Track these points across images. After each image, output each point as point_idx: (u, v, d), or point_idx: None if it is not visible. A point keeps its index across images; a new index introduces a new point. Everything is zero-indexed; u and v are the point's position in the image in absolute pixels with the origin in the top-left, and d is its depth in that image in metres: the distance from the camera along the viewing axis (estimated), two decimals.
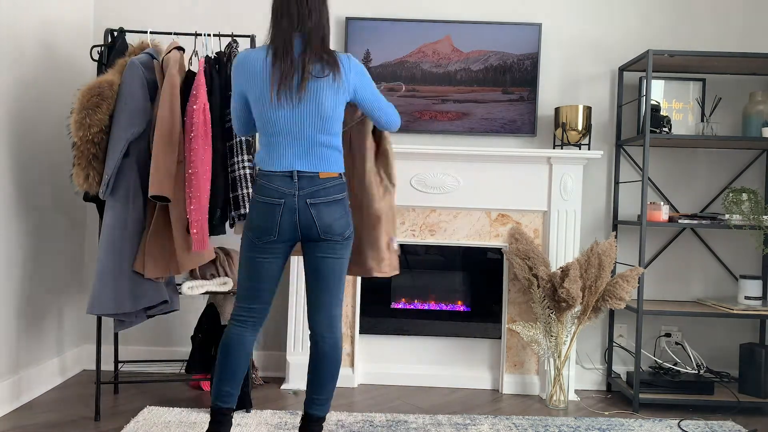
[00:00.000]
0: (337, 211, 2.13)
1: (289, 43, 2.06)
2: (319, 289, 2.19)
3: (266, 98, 2.07)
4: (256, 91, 2.08)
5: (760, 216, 2.99)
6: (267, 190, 2.09)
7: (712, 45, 3.36)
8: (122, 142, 2.48)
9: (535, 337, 3.02)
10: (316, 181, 2.10)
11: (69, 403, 2.83)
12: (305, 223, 2.10)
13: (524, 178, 3.19)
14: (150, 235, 2.57)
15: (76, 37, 3.20)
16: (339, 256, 2.18)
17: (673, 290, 3.39)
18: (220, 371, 2.17)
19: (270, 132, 2.10)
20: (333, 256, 2.17)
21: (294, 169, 2.09)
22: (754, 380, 3.06)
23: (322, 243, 2.15)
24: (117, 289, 2.49)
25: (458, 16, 3.35)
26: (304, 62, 2.06)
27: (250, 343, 2.19)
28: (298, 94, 2.05)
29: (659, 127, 3.11)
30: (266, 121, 2.09)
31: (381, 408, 2.88)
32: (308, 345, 3.17)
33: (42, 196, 2.93)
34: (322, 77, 2.07)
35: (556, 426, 2.71)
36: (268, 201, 2.09)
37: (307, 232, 2.12)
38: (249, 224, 2.14)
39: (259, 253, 2.13)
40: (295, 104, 2.06)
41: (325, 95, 2.08)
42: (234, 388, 2.17)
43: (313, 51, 2.07)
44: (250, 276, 2.16)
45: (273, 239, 2.11)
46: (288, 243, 2.15)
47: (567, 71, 3.38)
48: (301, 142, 2.10)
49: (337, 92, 2.10)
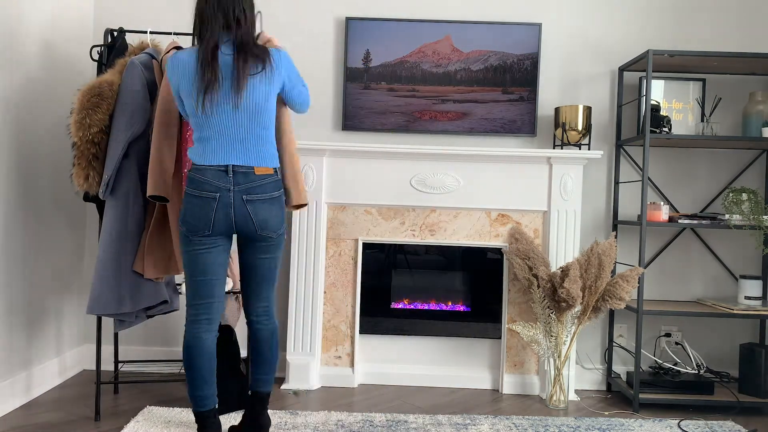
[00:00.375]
0: (274, 209, 2.18)
1: (217, 48, 2.12)
2: (256, 283, 2.29)
3: (197, 100, 2.11)
4: (188, 91, 2.13)
5: (760, 216, 2.99)
6: (201, 184, 2.12)
7: (712, 45, 3.36)
8: (122, 143, 2.48)
9: (535, 337, 3.03)
10: (251, 176, 2.14)
11: (69, 403, 2.83)
12: (241, 219, 2.14)
13: (524, 178, 3.19)
14: (150, 235, 2.57)
15: (76, 37, 3.20)
16: (274, 256, 2.27)
17: (673, 290, 3.39)
18: (189, 377, 2.17)
19: (203, 127, 2.14)
20: (269, 256, 2.25)
21: (229, 164, 2.12)
22: (754, 380, 3.06)
23: (259, 244, 2.20)
24: (117, 290, 2.49)
25: (458, 16, 3.35)
26: (238, 63, 2.11)
27: (210, 341, 2.19)
28: (237, 94, 2.11)
29: (659, 127, 3.11)
30: (199, 118, 2.14)
31: (381, 408, 2.88)
32: (308, 345, 3.18)
33: (42, 196, 2.93)
34: (256, 73, 2.13)
35: (556, 426, 2.71)
36: (204, 195, 2.11)
37: (242, 228, 2.16)
38: (183, 218, 2.16)
39: (196, 246, 2.15)
40: (233, 104, 2.11)
41: (258, 90, 2.14)
42: (207, 390, 2.18)
43: (245, 51, 2.13)
44: (193, 271, 2.18)
45: (207, 233, 2.14)
46: (224, 236, 2.18)
47: (567, 71, 3.38)
48: (235, 136, 2.14)
49: (271, 85, 2.17)
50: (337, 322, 3.23)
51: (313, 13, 3.37)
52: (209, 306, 2.19)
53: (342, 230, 3.21)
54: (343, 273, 3.22)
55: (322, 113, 3.37)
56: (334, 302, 3.22)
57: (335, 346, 3.23)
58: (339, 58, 3.36)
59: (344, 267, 3.22)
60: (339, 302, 3.22)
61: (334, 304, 3.22)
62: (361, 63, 3.31)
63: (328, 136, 3.38)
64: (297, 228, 3.19)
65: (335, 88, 3.37)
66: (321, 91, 3.37)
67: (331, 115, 3.38)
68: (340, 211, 3.22)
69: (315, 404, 2.92)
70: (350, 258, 3.22)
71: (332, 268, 3.22)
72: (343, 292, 3.22)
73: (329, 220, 3.22)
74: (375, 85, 3.32)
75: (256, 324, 2.33)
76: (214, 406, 2.20)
